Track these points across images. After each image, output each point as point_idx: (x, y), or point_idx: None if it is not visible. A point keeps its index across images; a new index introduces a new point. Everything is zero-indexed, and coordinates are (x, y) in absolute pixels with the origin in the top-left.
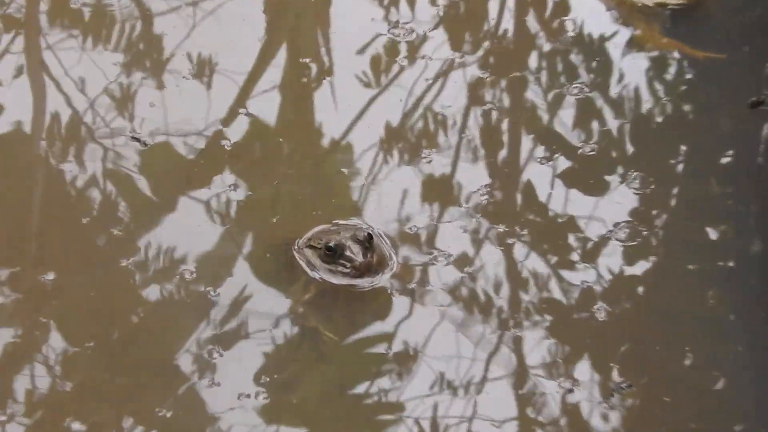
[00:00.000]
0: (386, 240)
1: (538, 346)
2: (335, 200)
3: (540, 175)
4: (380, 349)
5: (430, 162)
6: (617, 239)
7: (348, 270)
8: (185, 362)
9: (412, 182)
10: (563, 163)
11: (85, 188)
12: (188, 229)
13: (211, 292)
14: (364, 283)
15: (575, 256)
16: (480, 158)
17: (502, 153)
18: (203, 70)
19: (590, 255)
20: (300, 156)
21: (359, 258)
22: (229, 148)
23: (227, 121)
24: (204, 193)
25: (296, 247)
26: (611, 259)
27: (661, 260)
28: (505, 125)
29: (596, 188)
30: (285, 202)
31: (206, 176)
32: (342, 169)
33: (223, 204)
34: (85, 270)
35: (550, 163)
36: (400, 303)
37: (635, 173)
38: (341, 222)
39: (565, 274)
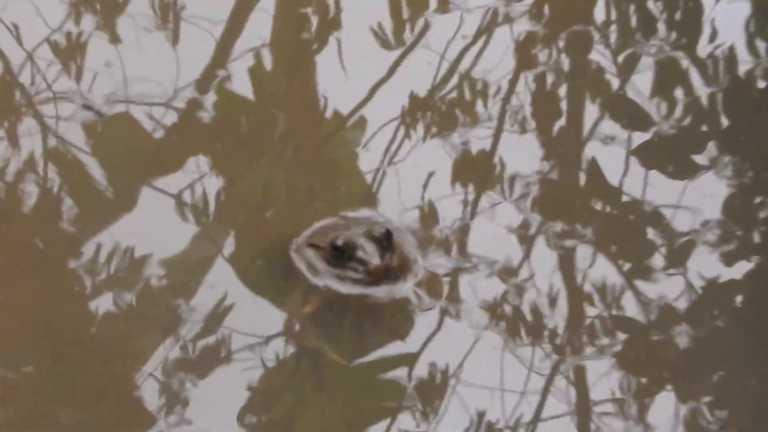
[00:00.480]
0: (409, 238)
1: (604, 377)
2: (345, 188)
3: (608, 156)
4: (399, 377)
5: (465, 142)
6: (705, 242)
7: (360, 276)
8: (149, 394)
9: (441, 166)
10: (637, 141)
11: (21, 173)
12: (155, 225)
13: (183, 306)
14: (381, 292)
15: (653, 263)
16: (530, 135)
17: (559, 128)
18: (167, 16)
19: (672, 261)
20: (299, 133)
21: (374, 260)
22: (207, 122)
23: (204, 86)
24: (175, 180)
25: (294, 247)
26: (698, 267)
27: (761, 270)
28: (562, 93)
29: (677, 176)
30: (280, 191)
31: (178, 158)
32: (353, 150)
33: (199, 194)
34: (22, 276)
35: (621, 141)
36: (425, 320)
37: (727, 157)
38: (352, 215)
39: (640, 285)
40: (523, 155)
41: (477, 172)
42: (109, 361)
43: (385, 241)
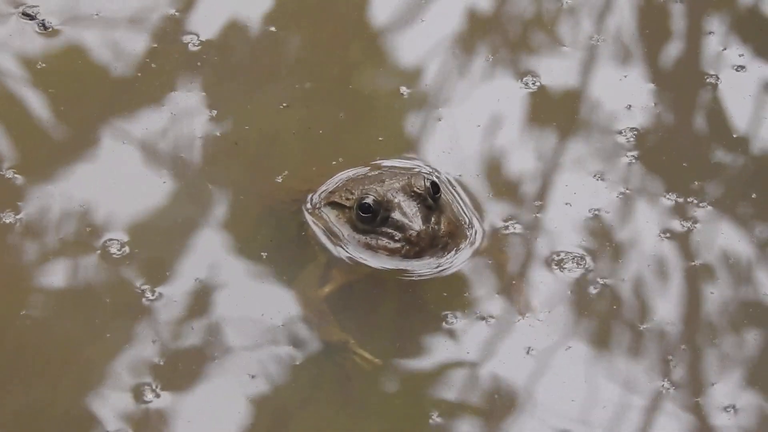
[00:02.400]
0: (462, 195)
1: (734, 395)
2: (378, 129)
3: (735, 90)
4: (453, 387)
5: (540, 75)
6: None
7: (397, 245)
8: (105, 413)
9: (509, 104)
10: None
11: None
12: (118, 178)
13: (148, 293)
14: (425, 267)
15: None
16: (631, 65)
17: (671, 55)
18: None
19: None
20: (319, 61)
21: (416, 224)
22: (195, 49)
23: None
24: (149, 121)
25: (309, 207)
26: None
27: None
28: (678, 9)
29: None
30: (290, 132)
31: (154, 92)
32: (391, 80)
33: (183, 139)
34: None
35: (751, 71)
36: (486, 308)
37: None
38: (386, 163)
39: None
40: (619, 92)
41: (557, 113)
42: (49, 368)
43: (431, 198)
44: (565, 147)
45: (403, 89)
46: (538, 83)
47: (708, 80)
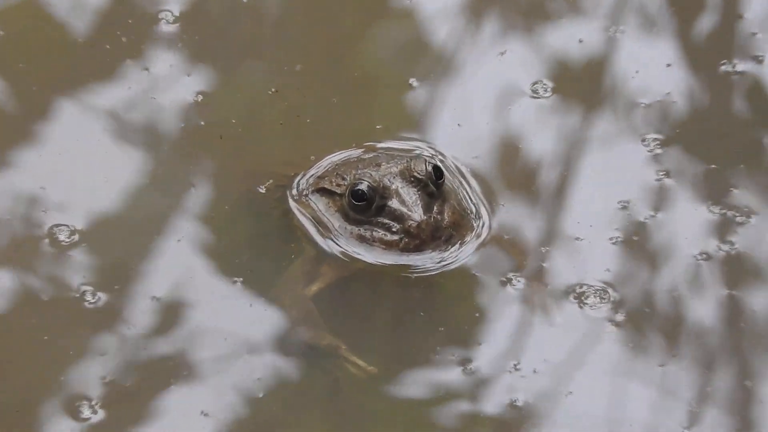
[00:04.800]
0: (470, 180)
1: None
2: (375, 104)
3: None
4: (456, 401)
5: (561, 44)
6: None
7: (395, 237)
8: (35, 427)
9: (524, 77)
10: None
11: None
12: (77, 161)
13: (89, 295)
14: (427, 262)
15: None
16: (661, 35)
17: (704, 26)
18: None
19: None
20: (310, 39)
21: (416, 213)
22: (170, 27)
23: None
24: (116, 99)
25: (295, 192)
26: None
27: None
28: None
29: None
30: (273, 107)
31: (123, 69)
32: (390, 49)
33: (153, 122)
34: None
35: None
36: (497, 308)
37: None
38: (383, 144)
39: None
40: (650, 64)
41: (578, 87)
42: None
43: (433, 184)
44: (585, 130)
45: (406, 69)
46: (553, 54)
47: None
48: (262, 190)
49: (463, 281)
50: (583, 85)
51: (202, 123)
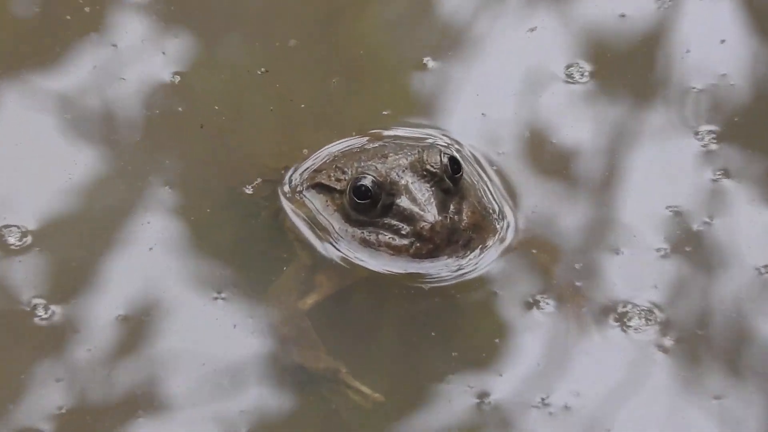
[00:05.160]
0: (491, 176)
1: None
2: (381, 86)
3: None
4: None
5: (599, 15)
6: None
7: (405, 241)
8: None
9: (555, 54)
10: None
11: None
12: (30, 152)
13: (41, 310)
14: (442, 270)
15: None
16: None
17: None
18: None
19: None
20: (309, 4)
21: (430, 213)
22: None
23: None
24: (76, 79)
25: (288, 189)
26: None
27: None
28: None
29: None
30: (262, 89)
31: (85, 44)
32: (400, 41)
33: (122, 107)
34: None
35: None
36: (524, 324)
37: None
38: (390, 132)
39: None
40: (703, 41)
41: (620, 70)
42: None
43: (449, 179)
44: (629, 126)
45: (420, 46)
46: (590, 27)
47: None
48: (249, 191)
49: (483, 295)
50: (625, 67)
51: (180, 109)
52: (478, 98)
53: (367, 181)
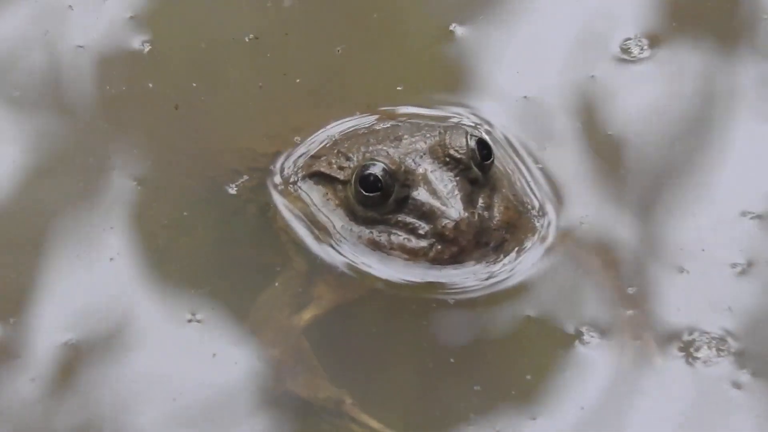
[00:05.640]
0: (528, 163)
1: None
2: (400, 79)
3: None
4: None
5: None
6: None
7: (423, 242)
8: None
9: (605, 31)
10: None
11: None
12: None
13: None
14: (467, 277)
15: None
16: None
17: None
18: None
19: None
20: None
21: (454, 208)
22: None
23: None
24: (12, 41)
25: (279, 180)
26: None
27: None
28: None
29: None
30: (258, 92)
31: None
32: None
33: (71, 77)
34: None
35: None
36: (566, 356)
37: None
38: (406, 109)
39: None
40: None
41: (687, 43)
42: None
43: (477, 166)
44: (698, 112)
45: (445, 11)
46: (658, 10)
47: None
48: (233, 191)
49: (515, 315)
50: (693, 39)
51: (150, 86)
52: (515, 75)
53: (377, 169)
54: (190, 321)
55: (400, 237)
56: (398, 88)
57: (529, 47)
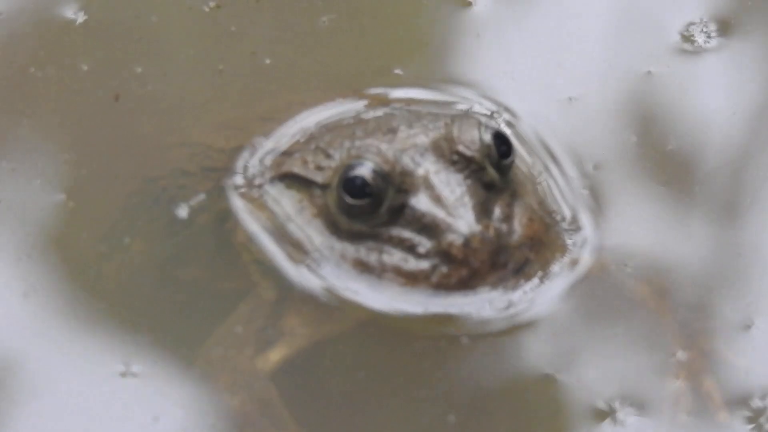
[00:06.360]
0: (560, 163)
1: None
2: (398, 60)
3: None
4: None
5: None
6: None
7: (425, 263)
8: None
9: (665, 14)
10: None
11: None
12: None
13: None
14: (481, 308)
15: None
16: None
17: None
18: None
19: None
20: None
21: (463, 219)
22: None
23: None
24: None
25: (242, 182)
26: None
27: None
28: None
29: None
30: (218, 65)
31: None
32: None
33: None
34: None
35: None
36: (616, 406)
37: None
38: (399, 95)
39: None
40: None
41: (759, 29)
42: None
43: (493, 166)
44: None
45: None
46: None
47: None
48: (184, 213)
49: (546, 348)
50: (766, 25)
51: (85, 68)
52: (547, 58)
53: (365, 170)
54: (124, 375)
55: (394, 256)
56: (396, 71)
57: (568, 30)
